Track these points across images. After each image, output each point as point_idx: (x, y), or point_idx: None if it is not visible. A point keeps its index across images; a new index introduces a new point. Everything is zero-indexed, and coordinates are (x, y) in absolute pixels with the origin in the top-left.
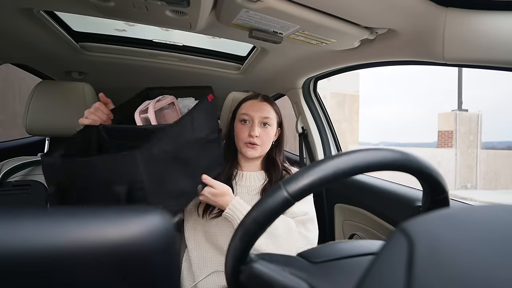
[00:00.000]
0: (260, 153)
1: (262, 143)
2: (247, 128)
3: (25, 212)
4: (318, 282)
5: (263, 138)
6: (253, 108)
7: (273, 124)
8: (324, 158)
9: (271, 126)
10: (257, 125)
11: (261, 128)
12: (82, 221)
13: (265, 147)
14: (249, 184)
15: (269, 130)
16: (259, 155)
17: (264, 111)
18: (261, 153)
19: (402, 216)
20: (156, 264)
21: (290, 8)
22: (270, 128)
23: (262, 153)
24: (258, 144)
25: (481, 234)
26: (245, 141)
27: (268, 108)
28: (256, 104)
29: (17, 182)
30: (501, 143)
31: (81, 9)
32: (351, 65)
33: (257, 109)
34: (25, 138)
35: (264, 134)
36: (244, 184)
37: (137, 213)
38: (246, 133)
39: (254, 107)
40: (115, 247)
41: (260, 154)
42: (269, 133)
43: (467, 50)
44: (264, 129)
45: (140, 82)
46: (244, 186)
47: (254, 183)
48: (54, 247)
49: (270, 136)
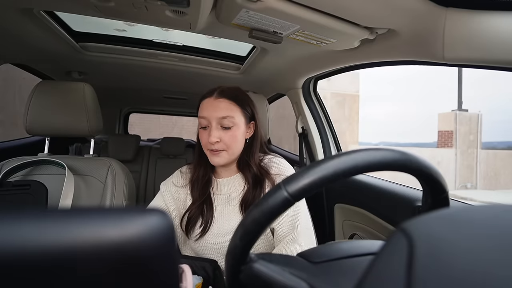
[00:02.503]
0: (228, 159)
1: (227, 147)
2: (206, 133)
3: (25, 212)
4: (318, 282)
5: (226, 142)
6: (208, 109)
7: (238, 123)
8: (324, 158)
9: (235, 125)
10: (215, 129)
11: (222, 131)
12: (82, 221)
13: (234, 151)
14: (228, 192)
15: (233, 131)
16: (228, 162)
17: (222, 110)
18: (230, 158)
19: (402, 216)
20: (156, 264)
21: (290, 8)
22: (235, 129)
23: (232, 157)
24: (223, 149)
25: (481, 234)
26: (207, 147)
27: (227, 105)
28: (211, 103)
29: (17, 182)
30: (501, 143)
31: (81, 9)
32: (351, 65)
33: (213, 108)
34: (25, 138)
35: (226, 137)
36: (223, 193)
37: (137, 213)
38: (206, 139)
39: (210, 107)
40: (115, 247)
41: (229, 160)
42: (233, 134)
43: (467, 50)
44: (226, 131)
45: (140, 82)
46: (224, 195)
47: (233, 189)
48: (54, 247)
49: (235, 137)
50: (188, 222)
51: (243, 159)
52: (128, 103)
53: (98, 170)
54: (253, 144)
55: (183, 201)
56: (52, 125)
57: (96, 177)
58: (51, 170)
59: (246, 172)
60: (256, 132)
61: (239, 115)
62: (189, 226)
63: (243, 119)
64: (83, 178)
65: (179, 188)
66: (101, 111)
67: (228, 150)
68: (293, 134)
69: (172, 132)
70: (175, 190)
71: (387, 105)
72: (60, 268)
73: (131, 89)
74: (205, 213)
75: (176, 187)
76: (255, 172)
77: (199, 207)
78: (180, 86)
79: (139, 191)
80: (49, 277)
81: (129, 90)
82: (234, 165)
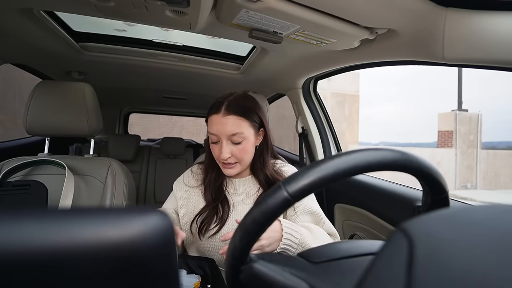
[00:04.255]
0: (241, 169)
1: (239, 159)
2: (217, 148)
3: (25, 212)
4: (318, 282)
5: (238, 155)
6: (217, 127)
7: (248, 136)
8: (324, 158)
9: (245, 139)
10: (225, 145)
11: (232, 146)
12: (82, 221)
13: (245, 161)
14: (242, 191)
15: (243, 145)
16: (241, 170)
17: (231, 126)
18: (243, 168)
19: (402, 216)
20: (156, 264)
21: (290, 8)
22: (245, 143)
23: (244, 166)
24: (235, 162)
25: (481, 234)
26: (219, 160)
27: (235, 121)
28: (219, 120)
29: (17, 182)
30: (501, 143)
31: (81, 9)
32: (351, 65)
33: (222, 126)
34: (25, 138)
35: (237, 151)
36: (238, 192)
37: (137, 213)
38: (218, 153)
39: (218, 124)
40: (115, 247)
41: (241, 170)
42: (244, 148)
43: (467, 50)
44: (237, 146)
45: (140, 82)
46: (239, 194)
47: (248, 189)
48: (54, 247)
49: (246, 150)
50: (202, 222)
51: (256, 165)
52: (128, 103)
53: (98, 170)
54: (263, 150)
55: (195, 201)
56: (52, 125)
57: (96, 177)
58: (51, 170)
59: (259, 175)
60: (266, 137)
61: (248, 128)
62: (203, 226)
63: (252, 131)
64: (83, 178)
65: (191, 188)
66: (101, 111)
67: (241, 162)
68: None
69: (172, 132)
70: (186, 191)
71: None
72: (60, 268)
73: (131, 89)
74: (220, 213)
75: (187, 187)
76: (268, 175)
77: (214, 208)
78: (180, 86)
79: (139, 191)
80: (49, 277)
81: (129, 90)
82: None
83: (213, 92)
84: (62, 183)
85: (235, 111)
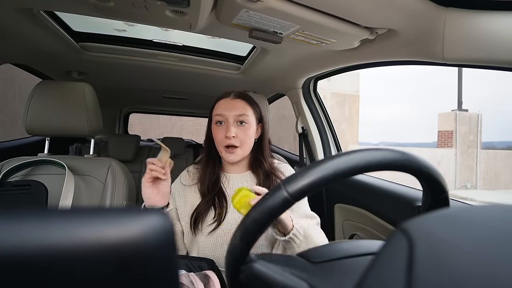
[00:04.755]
0: (241, 156)
1: (241, 143)
2: (223, 129)
3: (25, 212)
4: (318, 282)
5: (241, 138)
6: (226, 107)
7: (251, 122)
8: (324, 158)
9: (248, 123)
10: (232, 125)
11: (238, 127)
12: (82, 221)
13: (246, 148)
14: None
15: (246, 128)
16: (241, 159)
17: (239, 108)
18: (243, 156)
19: (402, 216)
20: (156, 264)
21: (290, 8)
22: (247, 126)
23: (244, 155)
24: (237, 146)
25: (481, 234)
26: (223, 144)
27: (243, 105)
28: (229, 102)
29: (17, 182)
30: (501, 143)
31: (81, 9)
32: (351, 65)
33: (231, 107)
34: (25, 138)
35: (241, 133)
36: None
37: (137, 213)
38: (223, 134)
39: (227, 106)
40: (115, 247)
41: (242, 157)
42: (247, 131)
43: (467, 50)
44: (241, 127)
45: (140, 82)
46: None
47: (245, 184)
48: (54, 247)
49: (248, 135)
50: (197, 216)
51: (255, 157)
52: (128, 103)
53: (98, 170)
54: (262, 143)
55: (192, 199)
56: (52, 125)
57: (96, 177)
58: (51, 170)
59: (258, 169)
60: (263, 133)
61: (251, 114)
62: (199, 221)
63: (254, 119)
64: (83, 178)
65: (187, 187)
66: (101, 111)
67: (242, 146)
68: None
69: (172, 132)
70: (183, 189)
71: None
72: (59, 268)
73: (131, 89)
74: (217, 206)
75: (184, 186)
76: (266, 169)
77: (209, 201)
78: (180, 86)
79: (139, 191)
80: (48, 277)
81: (129, 90)
82: (244, 163)
83: (213, 92)
84: (62, 183)
85: (242, 97)
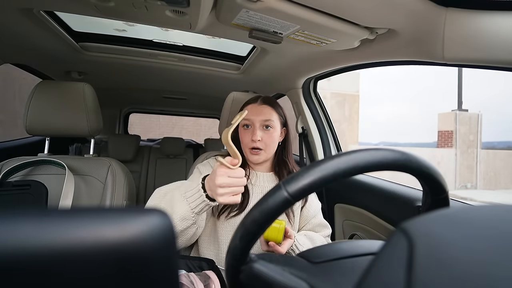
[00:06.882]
0: (265, 158)
1: (265, 146)
2: (249, 133)
3: (25, 212)
4: (318, 282)
5: (266, 141)
6: (253, 112)
7: (276, 126)
8: (324, 158)
9: (273, 128)
10: (258, 129)
11: (263, 132)
12: (82, 221)
13: (270, 151)
14: (262, 185)
15: (271, 132)
16: (264, 160)
17: (265, 114)
18: (266, 157)
19: (402, 216)
20: (156, 264)
21: (290, 8)
22: (272, 130)
23: (268, 157)
24: (261, 148)
25: (481, 234)
26: (248, 146)
27: (269, 110)
28: (256, 108)
29: (17, 182)
30: (501, 143)
31: (81, 9)
32: (351, 65)
33: (258, 113)
34: (25, 138)
35: (266, 137)
36: (258, 184)
37: (137, 213)
38: (249, 138)
39: (254, 111)
40: (115, 247)
41: (265, 159)
42: (272, 135)
43: (467, 50)
44: (267, 132)
45: (140, 82)
46: (258, 186)
47: (267, 184)
48: (54, 247)
49: (273, 138)
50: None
51: (280, 158)
52: (128, 103)
53: (98, 170)
54: (286, 146)
55: None
56: (52, 125)
57: (96, 177)
58: (51, 170)
59: (282, 170)
60: (287, 136)
61: (276, 119)
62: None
63: (279, 123)
64: (83, 178)
65: None
66: (101, 111)
67: (266, 149)
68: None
69: (172, 132)
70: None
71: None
72: (59, 268)
73: (131, 89)
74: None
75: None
76: (290, 170)
77: None
78: (180, 86)
79: (139, 191)
80: (48, 277)
81: (129, 90)
82: (268, 163)
83: (213, 92)
84: (62, 183)
85: (269, 103)
